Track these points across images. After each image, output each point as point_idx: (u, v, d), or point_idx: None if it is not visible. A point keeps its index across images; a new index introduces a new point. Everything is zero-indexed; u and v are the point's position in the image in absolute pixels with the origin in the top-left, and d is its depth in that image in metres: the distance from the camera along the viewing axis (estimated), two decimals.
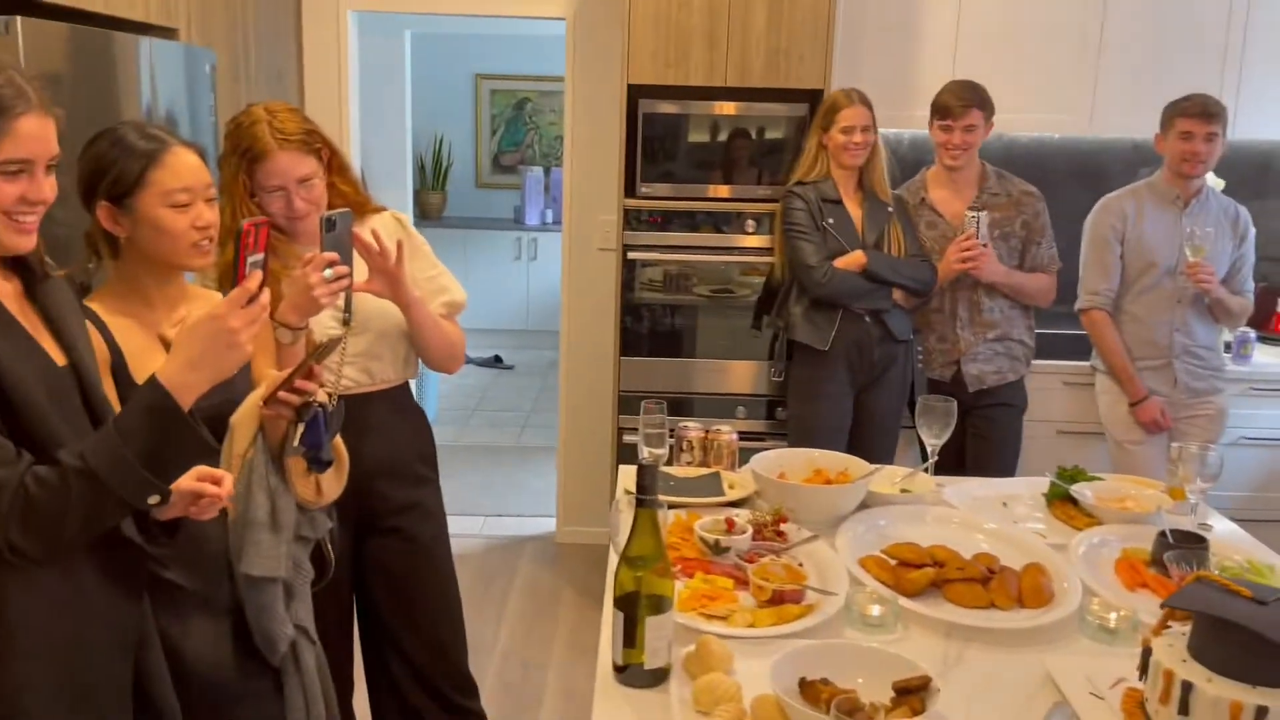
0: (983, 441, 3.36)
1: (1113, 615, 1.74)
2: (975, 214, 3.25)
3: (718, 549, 1.93)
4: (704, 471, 2.34)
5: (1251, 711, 1.30)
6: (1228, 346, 3.71)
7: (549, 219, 7.70)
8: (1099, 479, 2.35)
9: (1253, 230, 3.48)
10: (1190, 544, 1.95)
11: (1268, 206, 3.47)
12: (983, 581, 1.83)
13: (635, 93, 3.58)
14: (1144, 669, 1.45)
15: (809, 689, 1.44)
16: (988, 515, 2.19)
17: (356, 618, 2.40)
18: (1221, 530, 2.19)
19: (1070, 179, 4.18)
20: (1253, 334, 3.87)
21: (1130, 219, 3.46)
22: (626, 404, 3.72)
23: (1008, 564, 1.89)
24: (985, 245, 3.25)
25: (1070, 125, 4.00)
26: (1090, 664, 1.60)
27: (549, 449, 5.25)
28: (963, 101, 3.26)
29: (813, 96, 3.53)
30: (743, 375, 3.74)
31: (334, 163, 2.16)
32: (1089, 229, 3.55)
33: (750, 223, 3.63)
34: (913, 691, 1.42)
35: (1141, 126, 3.60)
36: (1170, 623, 1.49)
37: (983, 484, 2.44)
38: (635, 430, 3.70)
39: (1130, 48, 3.86)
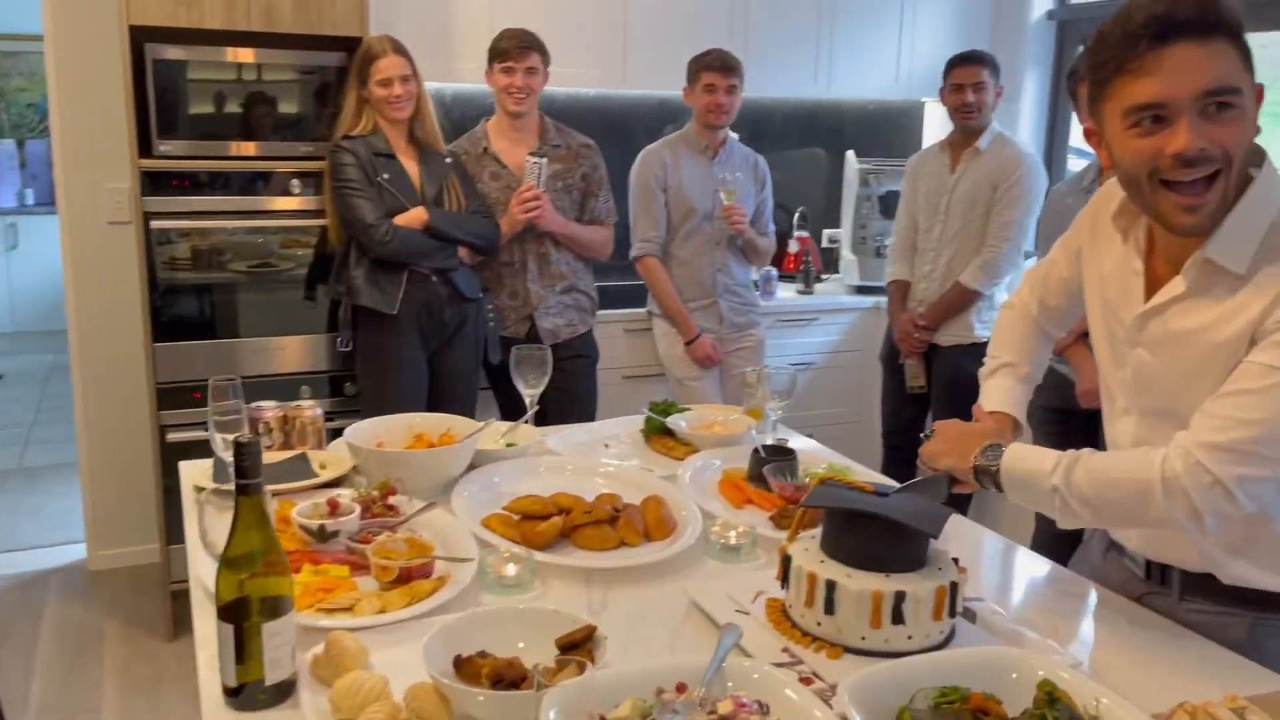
0: (563, 395, 3.37)
1: (732, 533, 1.77)
2: (536, 160, 3.22)
3: (323, 535, 1.69)
4: (288, 454, 2.06)
5: (891, 598, 1.36)
6: (757, 285, 4.06)
7: (30, 199, 6.58)
8: (688, 409, 2.42)
9: (770, 179, 3.82)
10: (782, 456, 2.06)
11: (770, 160, 3.84)
12: (610, 522, 1.78)
13: (139, 36, 3.08)
14: (784, 577, 1.48)
15: (466, 666, 1.28)
16: (594, 458, 2.17)
17: None
18: (797, 444, 2.35)
19: (604, 135, 4.32)
20: (774, 272, 4.28)
21: (670, 168, 3.65)
22: (168, 397, 3.24)
23: (629, 502, 1.86)
24: (543, 192, 3.23)
25: (604, 80, 4.12)
26: (726, 583, 1.60)
27: (64, 465, 4.50)
28: (522, 44, 3.20)
29: (349, 44, 3.27)
30: (300, 352, 3.41)
31: None
32: (634, 180, 3.68)
33: (295, 183, 3.29)
34: (578, 645, 1.32)
35: (669, 82, 3.79)
36: (800, 532, 1.54)
37: (583, 429, 2.41)
38: (182, 427, 3.28)
39: (653, 6, 4.04)
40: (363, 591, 1.54)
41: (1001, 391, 1.74)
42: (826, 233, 4.81)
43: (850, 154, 4.51)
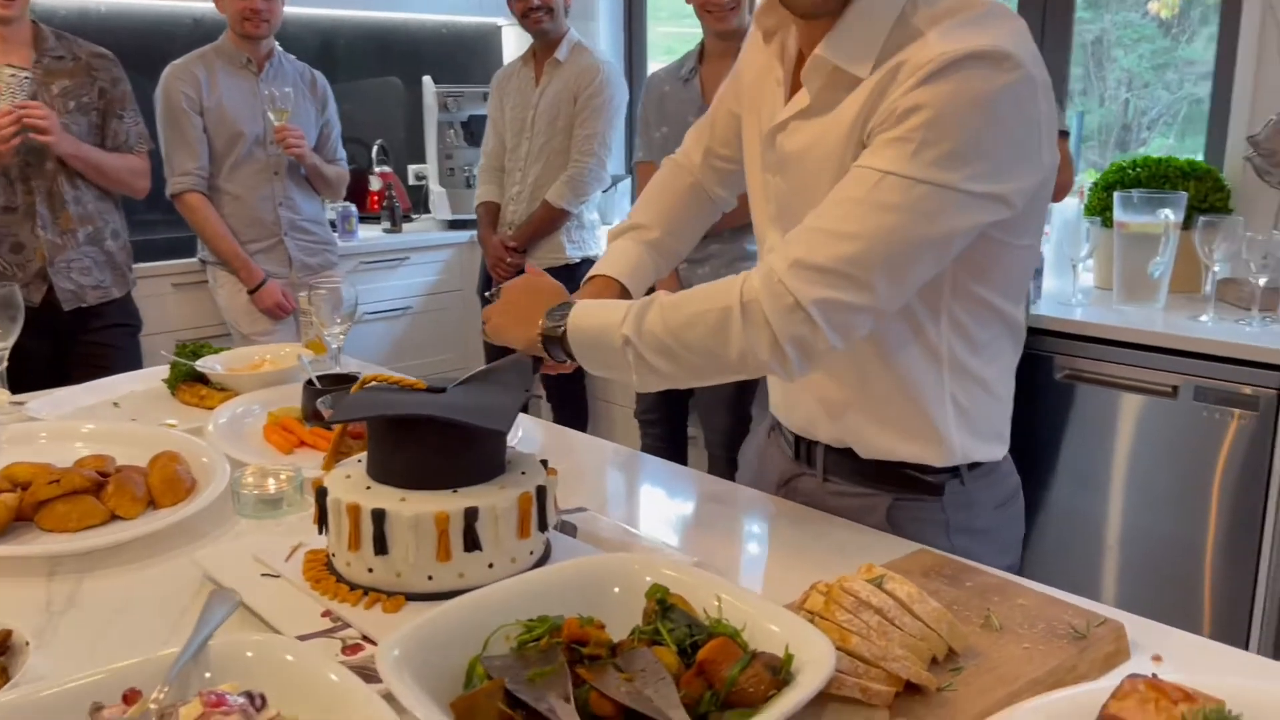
0: (98, 373, 2.73)
1: (270, 481, 1.36)
2: (16, 71, 2.54)
3: None
4: None
5: (460, 518, 1.02)
6: (334, 225, 3.59)
7: None
8: (226, 349, 1.95)
9: (333, 97, 3.35)
10: (343, 385, 1.67)
11: (342, 91, 3.38)
12: (94, 491, 1.30)
13: None
14: (322, 517, 1.10)
15: None
16: (97, 421, 1.65)
17: None
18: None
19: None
20: (353, 208, 3.82)
21: (204, 86, 3.07)
22: None
23: (130, 463, 1.39)
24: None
25: None
26: (259, 544, 1.20)
27: None
28: None
29: None
30: None
31: None
32: (161, 103, 3.07)
33: None
34: None
35: None
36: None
37: (85, 389, 1.86)
38: None
39: None
40: None
41: (617, 253, 1.44)
42: (412, 169, 4.41)
43: (427, 79, 4.12)
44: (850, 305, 1.06)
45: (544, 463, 1.15)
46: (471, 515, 1.03)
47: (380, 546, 1.03)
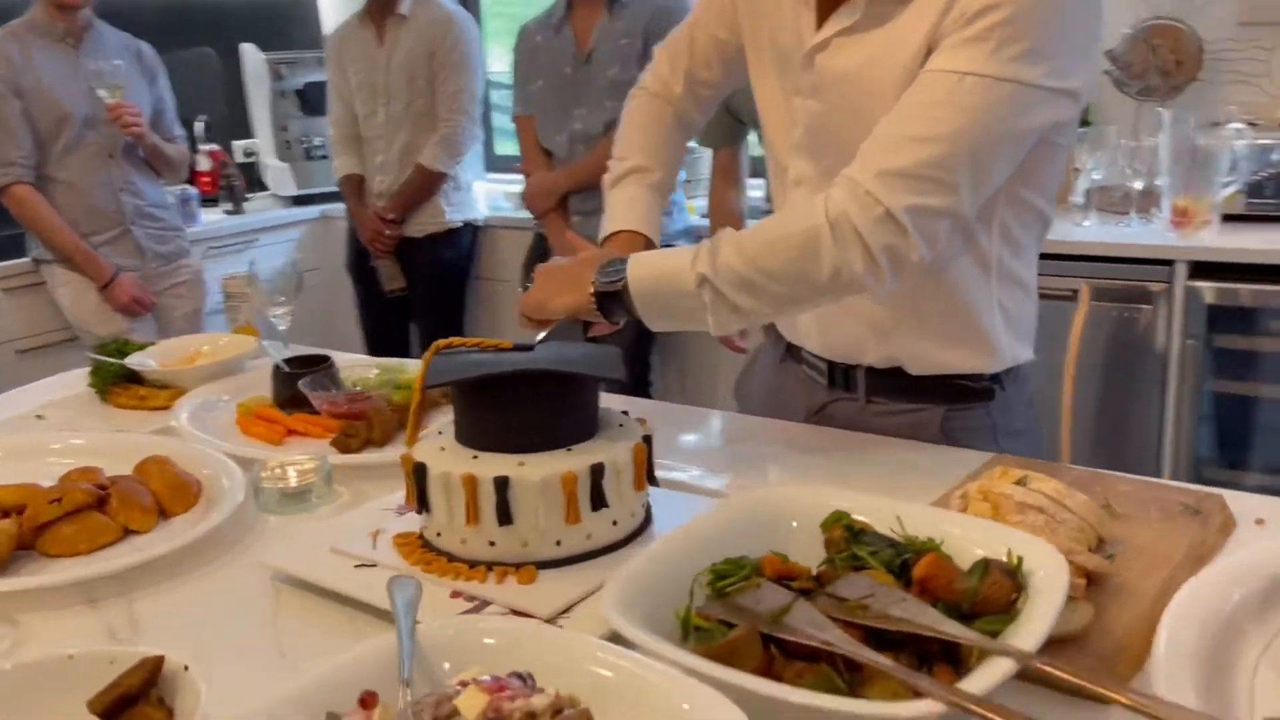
0: None
1: (292, 472, 1.24)
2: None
3: None
4: None
5: (587, 477, 0.97)
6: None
7: None
8: (150, 343, 1.77)
9: (163, 70, 3.07)
10: (315, 366, 1.54)
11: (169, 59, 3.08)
12: (98, 507, 1.15)
13: None
14: (421, 496, 1.01)
15: None
16: (26, 435, 1.45)
17: None
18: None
19: None
20: (194, 192, 3.53)
21: (19, 65, 2.75)
22: None
23: (118, 472, 1.23)
24: None
25: None
26: (316, 538, 1.09)
27: None
28: None
29: None
30: None
31: None
32: None
33: None
34: (134, 699, 0.74)
35: None
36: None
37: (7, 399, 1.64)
38: None
39: None
40: None
41: (628, 204, 1.38)
42: (238, 145, 4.11)
43: (249, 47, 3.84)
44: (938, 210, 1.06)
45: (625, 412, 1.10)
46: (598, 472, 0.97)
47: (505, 516, 0.96)
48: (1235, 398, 2.41)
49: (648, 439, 1.04)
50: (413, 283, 3.27)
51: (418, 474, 1.00)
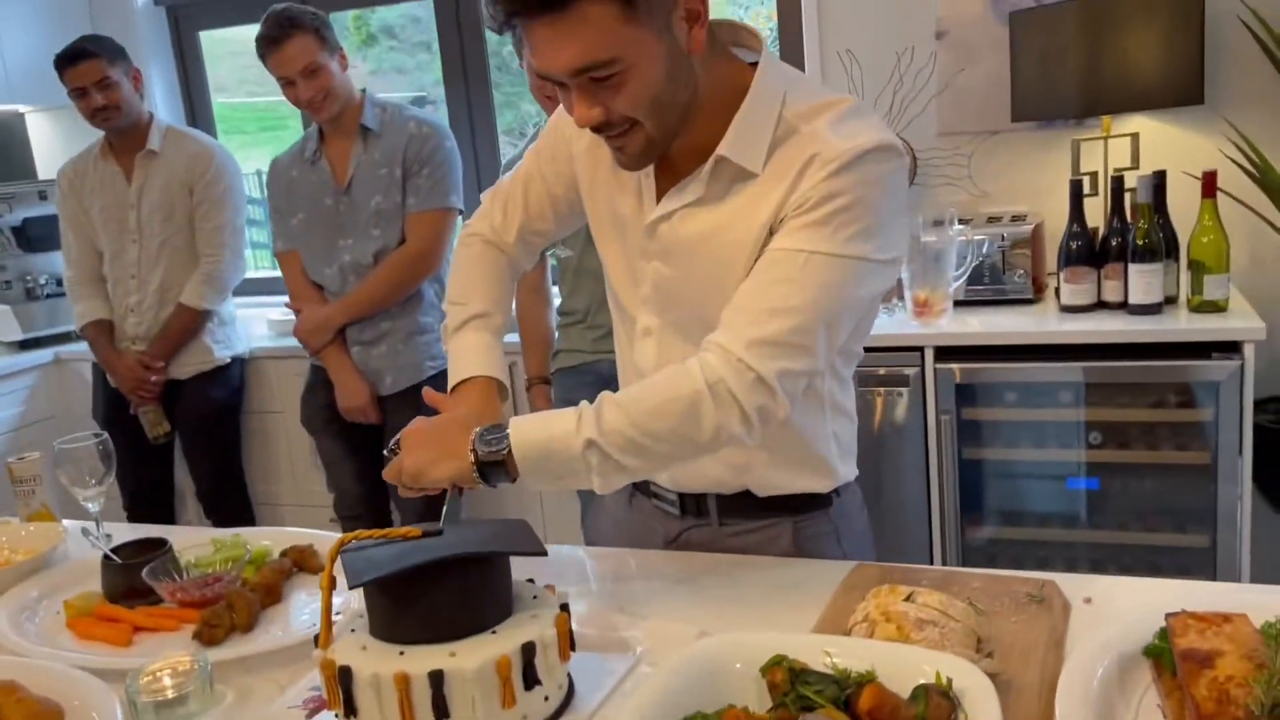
0: None
1: (166, 679, 1.16)
2: None
3: None
4: None
5: (519, 657, 0.98)
6: None
7: None
8: None
9: None
10: (153, 551, 1.45)
11: None
12: None
13: None
14: (347, 702, 0.98)
15: None
16: None
17: None
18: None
19: None
20: None
21: None
22: None
23: None
24: None
25: None
26: None
27: None
28: None
29: None
30: None
31: None
32: None
33: None
34: None
35: None
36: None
37: None
38: None
39: None
40: None
41: (475, 350, 1.41)
42: None
43: None
44: (801, 372, 1.18)
45: (531, 581, 1.13)
46: (530, 651, 1.00)
47: (441, 711, 0.96)
48: (978, 462, 2.73)
49: (564, 606, 1.07)
50: (180, 426, 3.07)
51: (343, 678, 0.98)
